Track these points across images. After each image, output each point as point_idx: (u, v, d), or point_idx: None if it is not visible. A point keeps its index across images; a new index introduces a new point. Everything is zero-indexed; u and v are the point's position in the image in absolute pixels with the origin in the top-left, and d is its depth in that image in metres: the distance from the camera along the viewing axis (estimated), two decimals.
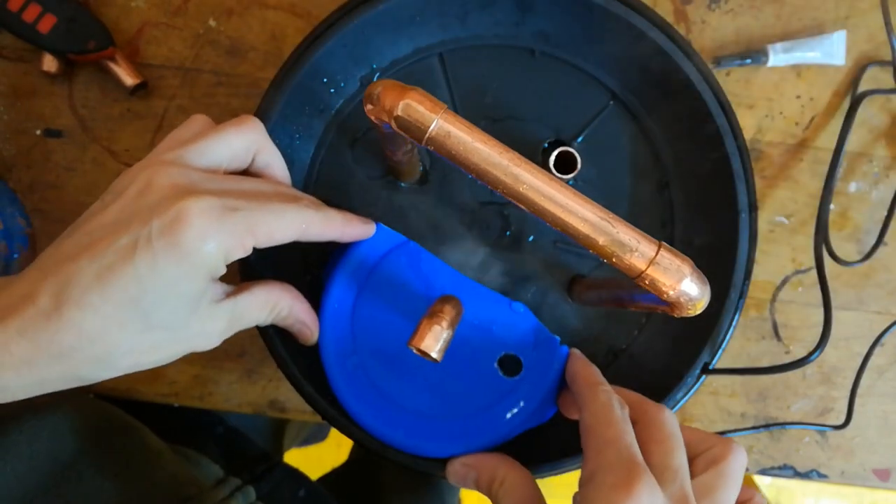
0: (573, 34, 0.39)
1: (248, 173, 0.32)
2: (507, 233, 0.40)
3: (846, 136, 0.43)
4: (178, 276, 0.26)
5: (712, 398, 0.47)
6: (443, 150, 0.25)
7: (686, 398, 0.39)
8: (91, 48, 0.41)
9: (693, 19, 0.45)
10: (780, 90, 0.46)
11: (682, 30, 0.45)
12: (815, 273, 0.41)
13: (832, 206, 0.46)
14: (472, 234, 0.40)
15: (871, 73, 0.45)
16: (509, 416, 0.36)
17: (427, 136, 0.25)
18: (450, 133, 0.25)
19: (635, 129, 0.41)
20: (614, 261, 0.26)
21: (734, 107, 0.38)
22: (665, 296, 0.26)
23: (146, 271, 0.25)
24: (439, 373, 0.36)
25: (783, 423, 0.47)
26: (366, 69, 0.39)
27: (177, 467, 0.42)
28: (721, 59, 0.44)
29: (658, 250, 0.26)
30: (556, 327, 0.40)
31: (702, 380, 0.39)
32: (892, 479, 0.48)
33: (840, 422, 0.45)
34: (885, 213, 0.43)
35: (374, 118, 0.26)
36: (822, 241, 0.41)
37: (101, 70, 0.43)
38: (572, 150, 0.39)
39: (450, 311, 0.32)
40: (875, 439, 0.48)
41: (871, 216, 0.46)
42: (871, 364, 0.45)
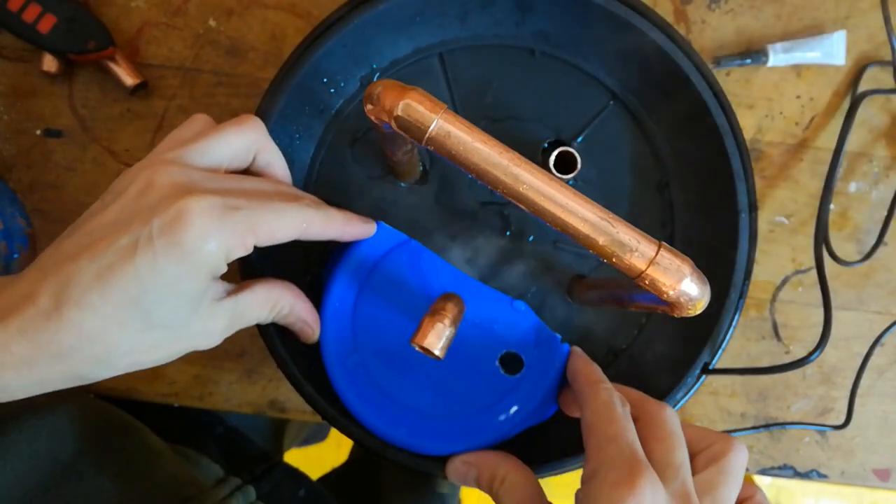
0: (573, 34, 0.39)
1: (249, 172, 0.32)
2: (507, 233, 0.40)
3: (846, 136, 0.43)
4: (179, 276, 0.26)
5: (712, 398, 0.47)
6: (443, 150, 0.25)
7: (686, 398, 0.39)
8: (91, 48, 0.41)
9: (693, 19, 0.45)
10: (780, 90, 0.46)
11: (682, 30, 0.45)
12: (815, 273, 0.41)
13: (832, 206, 0.46)
14: (472, 235, 0.40)
15: (871, 73, 0.45)
16: (510, 414, 0.36)
17: (427, 136, 0.25)
18: (450, 133, 0.25)
19: (635, 129, 0.41)
20: (614, 261, 0.26)
21: (734, 107, 0.38)
22: (665, 296, 0.26)
23: (147, 271, 0.25)
24: (440, 371, 0.36)
25: (783, 423, 0.47)
26: (366, 69, 0.39)
27: (177, 467, 0.42)
28: (721, 59, 0.44)
29: (658, 250, 0.26)
30: (557, 327, 0.40)
31: (702, 380, 0.39)
32: (892, 479, 0.48)
33: (840, 422, 0.45)
34: (885, 213, 0.43)
35: (374, 118, 0.26)
36: (822, 241, 0.41)
37: (101, 70, 0.43)
38: (572, 150, 0.39)
39: (452, 309, 0.32)
40: (875, 439, 0.48)
41: (871, 216, 0.46)
42: (871, 364, 0.45)
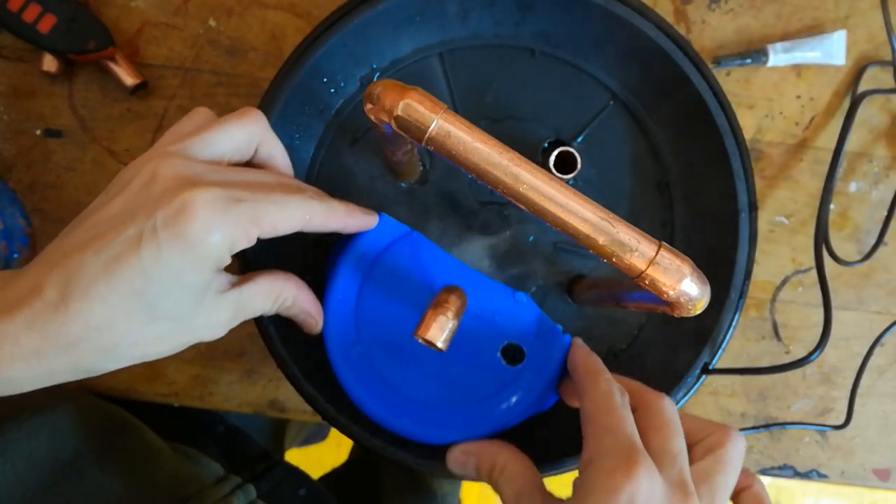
0: (573, 34, 0.39)
1: (252, 165, 0.32)
2: (507, 233, 0.40)
3: (846, 136, 0.43)
4: (184, 267, 0.26)
5: (712, 398, 0.47)
6: (443, 150, 0.25)
7: (686, 398, 0.39)
8: (91, 48, 0.41)
9: (693, 19, 0.45)
10: (780, 90, 0.46)
11: (682, 30, 0.45)
12: (815, 273, 0.41)
13: (832, 206, 0.46)
14: (472, 234, 0.40)
15: (871, 73, 0.45)
16: (511, 404, 0.37)
17: (427, 136, 0.25)
18: (450, 133, 0.25)
19: (635, 129, 0.41)
20: (614, 261, 0.26)
21: (734, 107, 0.38)
22: (665, 296, 0.26)
23: (152, 262, 0.26)
24: (442, 362, 0.36)
25: (783, 423, 0.47)
26: (366, 69, 0.39)
27: (177, 465, 0.42)
28: (721, 59, 0.44)
29: (658, 250, 0.26)
30: None
31: (702, 380, 0.39)
32: (892, 479, 0.48)
33: (840, 422, 0.45)
34: (885, 213, 0.43)
35: (373, 118, 0.26)
36: (822, 241, 0.41)
37: (101, 70, 0.43)
38: (572, 150, 0.39)
39: (455, 302, 0.32)
40: (875, 439, 0.48)
41: (871, 216, 0.46)
42: (871, 364, 0.45)
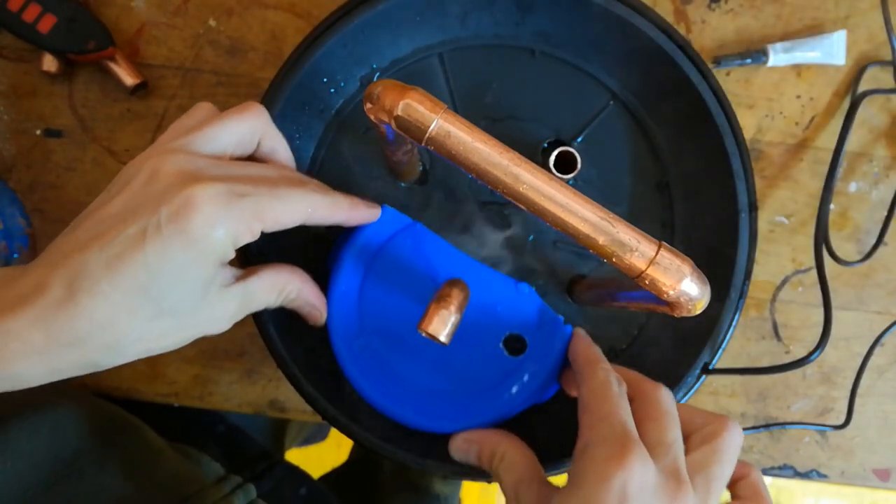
0: (573, 34, 0.39)
1: (254, 159, 0.32)
2: (507, 233, 0.40)
3: (846, 136, 0.43)
4: (188, 263, 0.26)
5: (712, 398, 0.47)
6: (443, 150, 0.25)
7: (686, 398, 0.39)
8: (91, 48, 0.41)
9: (693, 19, 0.45)
10: (780, 90, 0.45)
11: (682, 30, 0.45)
12: (815, 273, 0.41)
13: (832, 206, 0.46)
14: (472, 234, 0.40)
15: (871, 73, 0.45)
16: (513, 393, 0.37)
17: (427, 136, 0.25)
18: (450, 133, 0.25)
19: (635, 129, 0.41)
20: (614, 261, 0.26)
21: (734, 107, 0.38)
22: (665, 296, 0.26)
23: (156, 259, 0.26)
24: (445, 352, 0.36)
25: (783, 423, 0.47)
26: (366, 69, 0.39)
27: (178, 465, 0.42)
28: (721, 59, 0.44)
29: (658, 250, 0.26)
30: None
31: (702, 380, 0.39)
32: (892, 479, 0.48)
33: (840, 422, 0.45)
34: (885, 213, 0.43)
35: (373, 118, 0.26)
36: (822, 241, 0.41)
37: (101, 70, 0.43)
38: (572, 150, 0.39)
39: (457, 296, 0.33)
40: (875, 439, 0.48)
41: (871, 216, 0.46)
42: (871, 364, 0.45)
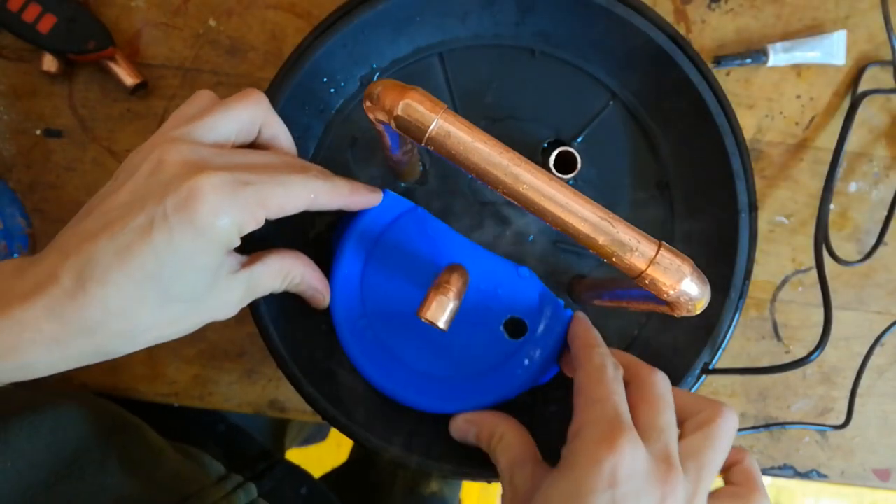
0: (573, 34, 0.39)
1: (255, 146, 0.32)
2: (507, 233, 0.40)
3: (846, 136, 0.43)
4: (195, 251, 0.27)
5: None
6: (443, 150, 0.25)
7: None
8: (91, 48, 0.41)
9: (693, 19, 0.45)
10: (780, 90, 0.45)
11: (682, 30, 0.45)
12: (815, 273, 0.41)
13: (832, 206, 0.46)
14: (471, 235, 0.40)
15: (871, 73, 0.45)
16: (513, 376, 0.38)
17: (427, 136, 0.25)
18: (450, 133, 0.25)
19: (635, 129, 0.41)
20: (614, 261, 0.26)
21: (734, 107, 0.38)
22: (665, 296, 0.26)
23: (164, 247, 0.26)
24: (446, 335, 0.37)
25: (783, 423, 0.47)
26: (366, 69, 0.39)
27: (178, 464, 0.42)
28: (721, 59, 0.44)
29: (658, 250, 0.26)
30: None
31: (702, 380, 0.39)
32: (892, 479, 0.48)
33: (840, 422, 0.45)
34: (885, 213, 0.43)
35: (373, 118, 0.26)
36: (822, 241, 0.41)
37: (101, 70, 0.43)
38: (572, 150, 0.39)
39: (456, 282, 0.33)
40: (875, 439, 0.48)
41: (871, 216, 0.46)
42: (871, 364, 0.45)
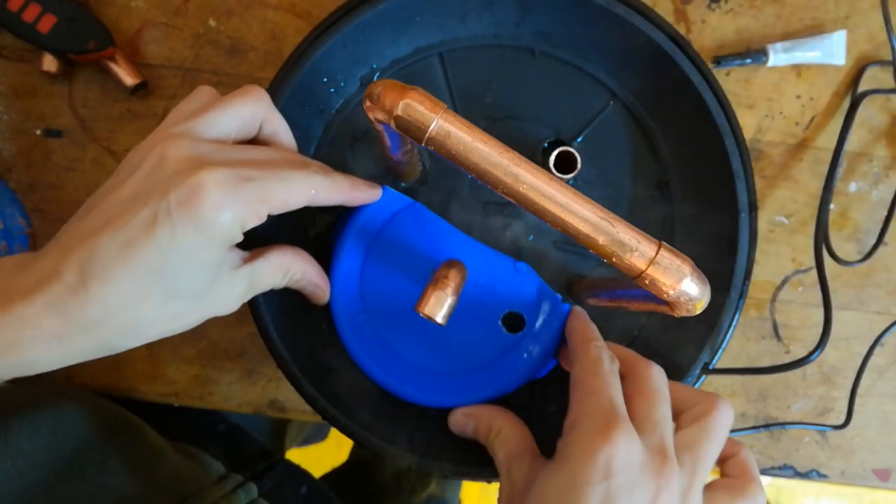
0: (573, 34, 0.39)
1: (256, 142, 0.33)
2: (507, 233, 0.40)
3: (846, 136, 0.43)
4: (198, 247, 0.27)
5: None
6: (443, 150, 0.25)
7: None
8: (91, 48, 0.41)
9: (693, 19, 0.45)
10: (780, 90, 0.45)
11: (682, 30, 0.45)
12: (815, 273, 0.41)
13: (832, 206, 0.46)
14: (471, 234, 0.40)
15: (871, 73, 0.45)
16: (511, 370, 0.38)
17: (427, 136, 0.25)
18: (450, 133, 0.25)
19: (635, 129, 0.41)
20: (614, 261, 0.26)
21: (734, 107, 0.38)
22: (665, 296, 0.26)
23: (167, 243, 0.26)
24: (445, 330, 0.37)
25: (783, 423, 0.47)
26: (366, 69, 0.39)
27: (179, 464, 0.42)
28: (721, 59, 0.44)
29: (658, 250, 0.26)
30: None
31: (702, 380, 0.39)
32: (892, 479, 0.48)
33: (840, 422, 0.45)
34: (885, 213, 0.43)
35: (373, 118, 0.26)
36: (822, 241, 0.41)
37: (101, 70, 0.43)
38: (572, 150, 0.39)
39: (454, 277, 0.33)
40: (875, 439, 0.48)
41: (871, 216, 0.46)
42: (871, 364, 0.45)
